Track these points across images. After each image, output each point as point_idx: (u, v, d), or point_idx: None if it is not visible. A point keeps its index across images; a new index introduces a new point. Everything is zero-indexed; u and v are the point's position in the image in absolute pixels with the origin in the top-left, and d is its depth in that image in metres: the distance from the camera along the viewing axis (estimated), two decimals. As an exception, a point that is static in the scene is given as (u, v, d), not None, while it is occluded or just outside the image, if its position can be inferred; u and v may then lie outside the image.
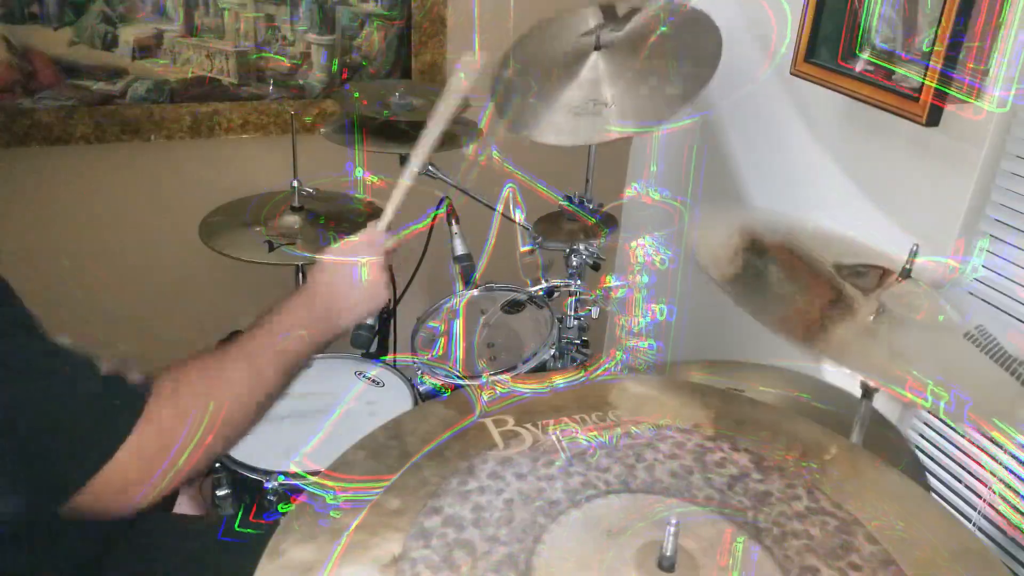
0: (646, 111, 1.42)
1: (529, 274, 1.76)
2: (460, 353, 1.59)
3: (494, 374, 1.51)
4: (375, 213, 1.84)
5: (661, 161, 1.97)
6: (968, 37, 1.30)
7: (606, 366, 1.02)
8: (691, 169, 1.97)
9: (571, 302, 1.75)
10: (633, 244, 1.53)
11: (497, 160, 1.71)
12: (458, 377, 1.51)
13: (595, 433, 0.86)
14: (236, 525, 1.21)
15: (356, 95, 1.75)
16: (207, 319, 1.90)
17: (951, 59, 1.31)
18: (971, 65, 1.31)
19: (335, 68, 1.97)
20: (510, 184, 1.47)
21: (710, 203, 2.05)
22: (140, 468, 0.83)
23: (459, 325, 1.64)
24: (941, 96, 1.33)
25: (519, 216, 1.68)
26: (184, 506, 1.51)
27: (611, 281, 1.53)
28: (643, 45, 1.46)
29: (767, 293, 1.09)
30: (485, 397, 0.91)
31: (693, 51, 1.45)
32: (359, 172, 1.83)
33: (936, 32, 1.31)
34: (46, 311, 1.20)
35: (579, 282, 1.74)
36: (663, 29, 1.43)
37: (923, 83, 1.35)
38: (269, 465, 1.35)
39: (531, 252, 1.72)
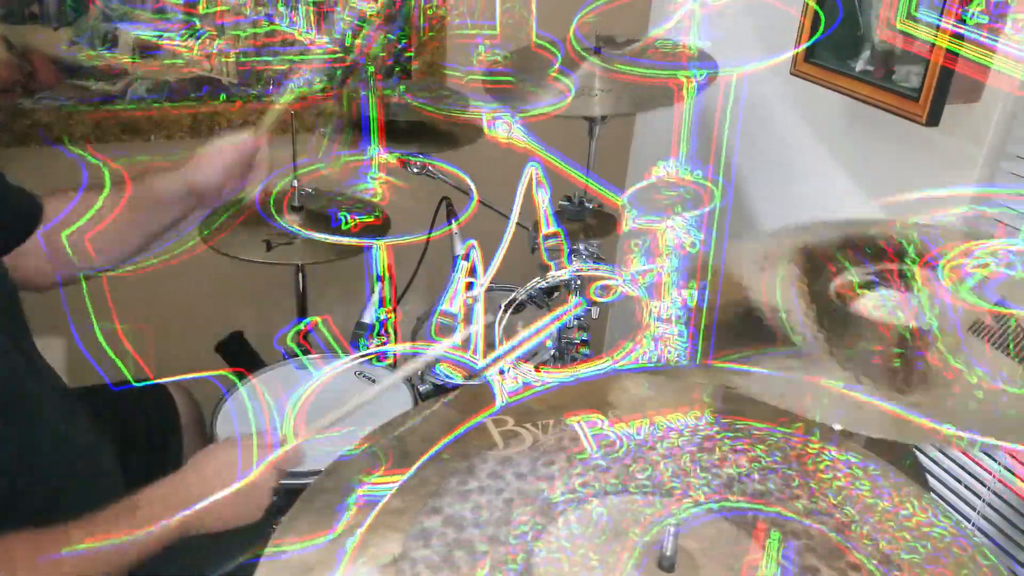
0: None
1: (553, 258, 1.72)
2: (481, 342, 1.57)
3: (516, 364, 1.50)
4: (375, 212, 1.85)
5: (694, 138, 1.93)
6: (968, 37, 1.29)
7: (634, 353, 1.01)
8: (722, 147, 1.94)
9: (572, 301, 1.74)
10: (662, 226, 1.51)
11: (521, 140, 1.68)
12: (479, 367, 1.49)
13: (622, 426, 0.85)
14: None
15: (403, 88, 1.75)
16: (207, 319, 1.90)
17: (950, 59, 1.31)
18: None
19: (335, 68, 1.97)
20: (533, 163, 1.45)
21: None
22: None
23: (479, 313, 1.61)
24: (940, 99, 1.32)
25: (542, 196, 1.64)
26: None
27: (639, 264, 1.50)
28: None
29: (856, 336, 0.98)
30: (507, 387, 0.91)
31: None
32: (373, 172, 1.82)
33: (936, 32, 1.31)
34: (45, 311, 1.21)
35: (610, 266, 1.70)
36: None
37: (923, 83, 1.35)
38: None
39: (556, 235, 1.68)
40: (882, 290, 1.07)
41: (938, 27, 1.29)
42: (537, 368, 1.07)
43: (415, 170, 1.66)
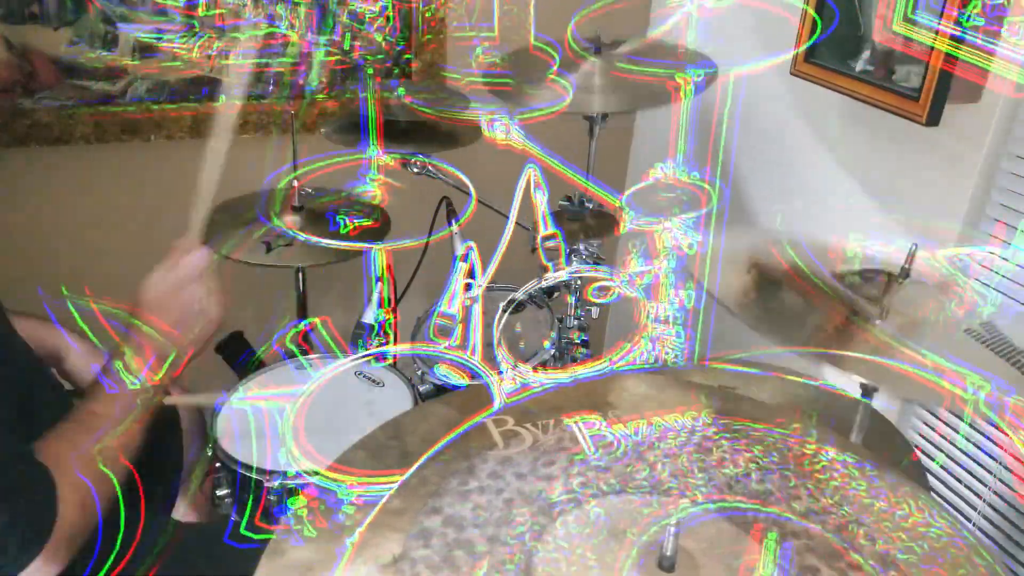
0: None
1: (552, 259, 1.73)
2: (479, 343, 1.57)
3: (515, 365, 1.50)
4: (375, 213, 1.85)
5: (692, 139, 1.94)
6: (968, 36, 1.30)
7: (632, 354, 1.01)
8: (719, 148, 1.95)
9: (571, 302, 1.75)
10: (658, 228, 1.51)
11: (518, 140, 1.69)
12: (478, 367, 1.50)
13: (620, 426, 0.85)
14: (243, 528, 1.21)
15: (402, 91, 1.74)
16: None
17: (950, 60, 1.31)
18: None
19: (335, 68, 1.97)
20: (531, 164, 1.46)
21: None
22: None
23: (478, 314, 1.61)
24: (940, 99, 1.32)
25: (540, 197, 1.65)
26: (181, 512, 1.50)
27: (637, 266, 1.51)
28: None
29: (785, 320, 1.08)
30: (505, 388, 0.91)
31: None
32: (372, 173, 1.82)
33: (936, 32, 1.31)
34: (44, 312, 1.21)
35: (609, 268, 1.71)
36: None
37: (923, 83, 1.35)
38: (269, 465, 1.35)
39: (553, 236, 1.69)
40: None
41: (936, 30, 1.29)
42: (535, 369, 1.07)
43: (415, 170, 1.66)
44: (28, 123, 1.78)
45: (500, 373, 1.44)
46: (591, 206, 1.71)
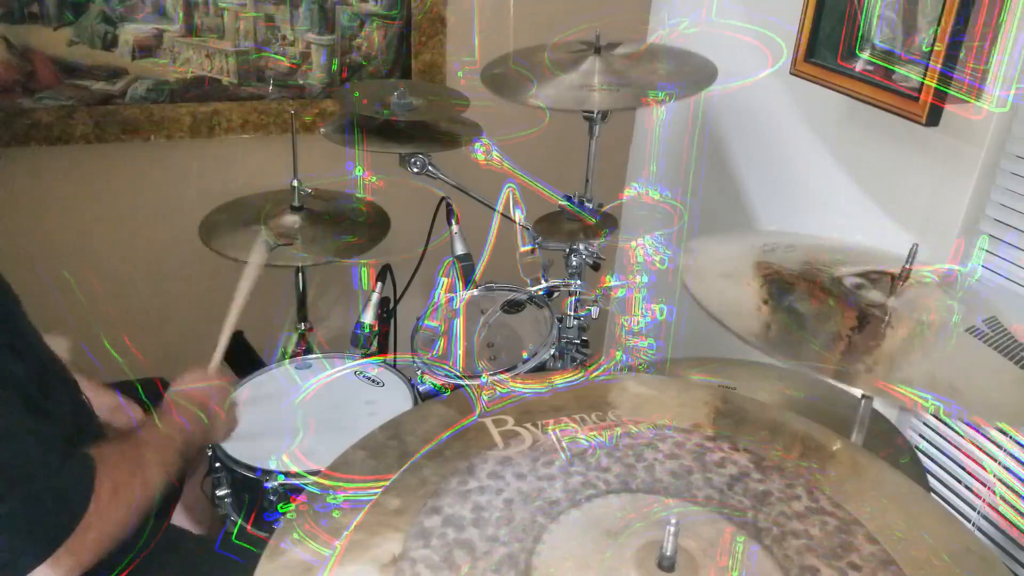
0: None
1: (529, 274, 1.76)
2: (460, 353, 1.59)
3: (494, 374, 1.52)
4: (374, 211, 1.85)
5: (662, 160, 1.97)
6: (968, 36, 1.30)
7: (605, 366, 1.02)
8: (690, 169, 1.97)
9: (571, 302, 1.75)
10: (633, 244, 1.53)
11: (497, 160, 1.71)
12: (457, 377, 1.51)
13: (595, 433, 0.86)
14: (234, 537, 1.22)
15: (356, 94, 1.75)
16: (207, 319, 1.89)
17: (951, 58, 1.31)
18: (971, 64, 1.31)
19: (335, 68, 1.97)
20: (510, 184, 1.48)
21: (708, 214, 2.05)
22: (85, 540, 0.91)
23: (459, 325, 1.64)
24: (941, 96, 1.33)
25: (519, 216, 1.68)
26: (181, 518, 1.50)
27: (611, 281, 1.53)
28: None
29: (803, 335, 1.06)
30: (485, 397, 0.91)
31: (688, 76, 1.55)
32: (359, 171, 1.83)
33: (936, 31, 1.31)
34: (45, 312, 1.21)
35: (579, 282, 1.74)
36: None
37: (923, 83, 1.35)
38: (269, 465, 1.35)
39: (532, 252, 1.73)
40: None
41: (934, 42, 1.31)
42: (513, 379, 1.07)
43: (415, 170, 1.66)
44: (28, 123, 1.78)
45: (481, 382, 1.45)
46: (591, 205, 1.72)
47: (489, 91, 1.58)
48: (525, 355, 1.54)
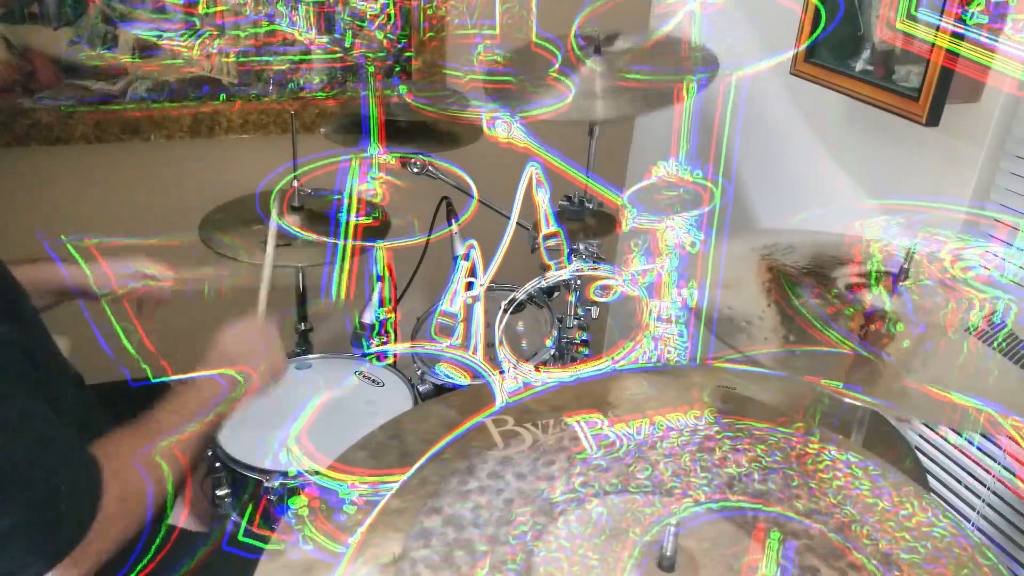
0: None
1: (553, 257, 1.73)
2: (480, 342, 1.57)
3: (516, 364, 1.50)
4: (374, 212, 1.85)
5: (694, 137, 1.94)
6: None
7: (634, 353, 1.01)
8: (722, 147, 1.94)
9: (571, 302, 1.75)
10: (661, 226, 1.51)
11: (519, 137, 1.68)
12: (479, 366, 1.50)
13: (594, 433, 0.86)
14: (240, 535, 1.22)
15: (404, 88, 1.75)
16: (206, 319, 1.89)
17: (950, 60, 1.31)
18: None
19: (335, 68, 1.97)
20: (532, 163, 1.46)
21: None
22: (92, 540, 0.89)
23: (479, 311, 1.61)
24: (940, 99, 1.32)
25: (542, 196, 1.64)
26: (181, 512, 1.50)
27: (639, 264, 1.51)
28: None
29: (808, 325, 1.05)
30: (507, 387, 0.91)
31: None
32: (374, 174, 1.82)
33: (935, 32, 1.31)
34: (45, 312, 1.21)
35: (609, 266, 1.71)
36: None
37: (923, 83, 1.35)
38: (269, 465, 1.35)
39: (555, 235, 1.69)
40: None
41: (938, 27, 1.29)
42: (537, 368, 1.06)
43: (415, 170, 1.66)
44: (28, 123, 1.78)
45: (502, 372, 1.44)
46: (591, 206, 1.71)
47: (494, 102, 1.57)
48: (549, 343, 1.52)
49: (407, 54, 2.02)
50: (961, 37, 1.27)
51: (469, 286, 1.59)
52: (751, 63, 1.84)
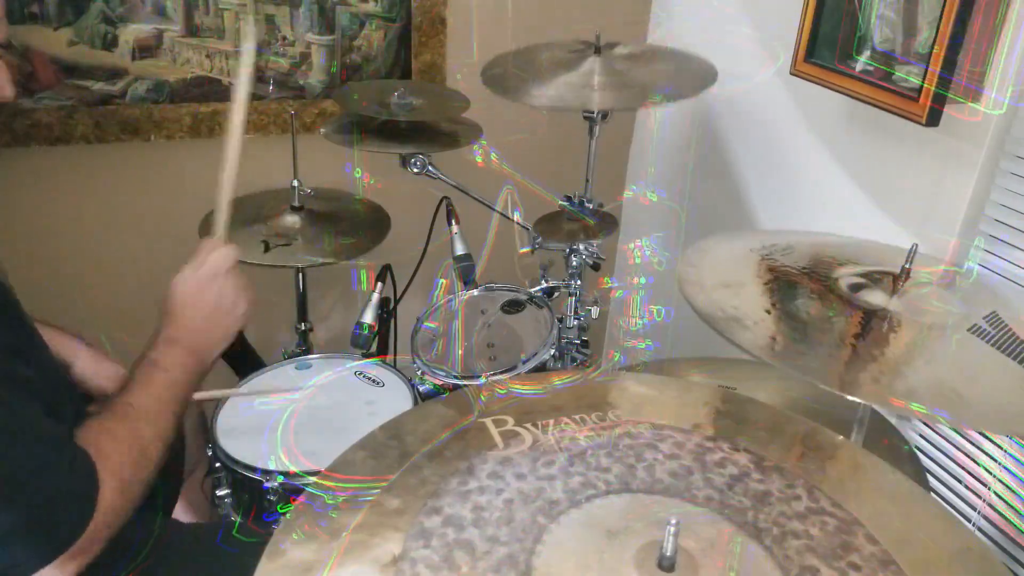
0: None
1: (528, 275, 1.76)
2: (459, 354, 1.59)
3: (493, 375, 1.52)
4: (374, 212, 1.85)
5: (660, 162, 1.97)
6: (967, 39, 1.30)
7: (604, 367, 1.02)
8: (688, 171, 1.97)
9: (571, 302, 1.75)
10: (631, 245, 1.53)
11: (495, 161, 1.72)
12: (456, 378, 1.51)
13: (593, 434, 0.86)
14: (235, 531, 1.21)
15: (355, 96, 1.75)
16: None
17: (950, 61, 1.31)
18: (968, 67, 1.31)
19: (335, 69, 1.97)
20: (508, 185, 1.48)
21: (706, 224, 2.04)
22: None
23: (458, 326, 1.64)
24: (940, 100, 1.33)
25: (517, 217, 1.68)
26: (181, 512, 1.50)
27: (609, 282, 1.53)
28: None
29: (807, 347, 1.03)
30: (483, 398, 0.91)
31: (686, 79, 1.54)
32: (358, 173, 1.83)
33: (936, 33, 1.31)
34: (44, 312, 1.21)
35: (578, 282, 1.74)
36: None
37: (923, 83, 1.35)
38: (268, 465, 1.35)
39: (531, 253, 1.73)
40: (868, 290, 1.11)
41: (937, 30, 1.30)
42: (512, 380, 1.07)
43: (415, 170, 1.66)
44: (28, 123, 1.78)
45: (479, 383, 1.46)
46: (591, 206, 1.72)
47: (490, 90, 1.58)
48: (524, 356, 1.54)
49: (406, 56, 2.02)
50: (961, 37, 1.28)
51: (448, 303, 1.62)
52: (751, 63, 1.84)
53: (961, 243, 1.45)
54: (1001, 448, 1.43)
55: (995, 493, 1.45)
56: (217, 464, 1.38)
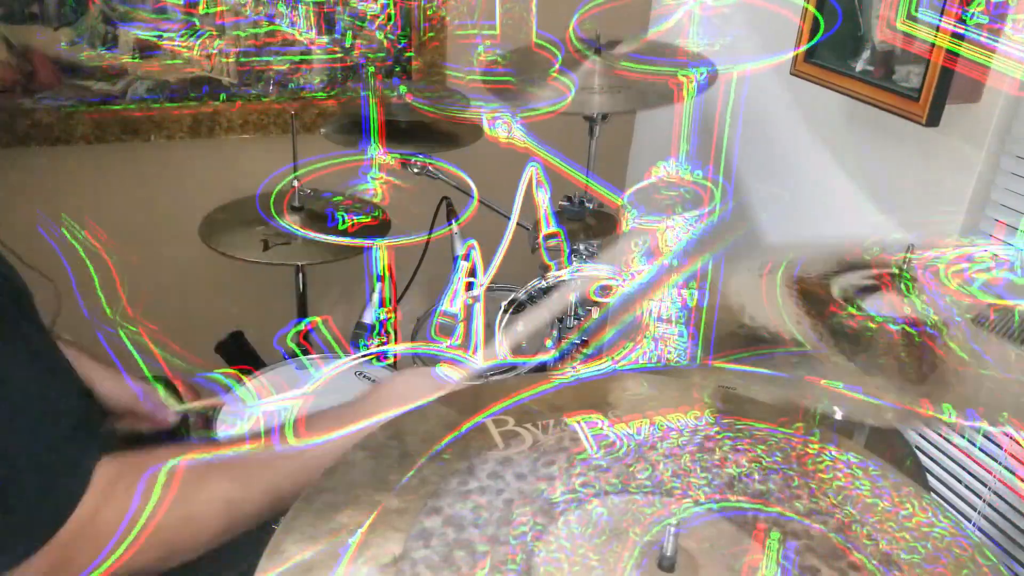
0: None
1: (554, 257, 1.72)
2: (481, 342, 1.57)
3: (492, 375, 1.51)
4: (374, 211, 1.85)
5: (694, 138, 1.93)
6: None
7: (634, 353, 1.00)
8: (722, 147, 1.94)
9: (571, 302, 1.75)
10: (662, 227, 1.51)
11: (519, 137, 1.68)
12: (478, 366, 1.49)
13: (623, 425, 0.85)
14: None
15: (404, 89, 1.74)
16: (207, 319, 1.90)
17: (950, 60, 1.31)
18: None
19: (335, 68, 1.97)
20: (533, 163, 1.45)
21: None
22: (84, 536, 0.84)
23: (479, 311, 1.61)
24: (940, 99, 1.32)
25: (542, 196, 1.64)
26: None
27: (639, 264, 1.50)
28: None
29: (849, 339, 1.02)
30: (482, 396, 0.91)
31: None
32: (374, 174, 1.82)
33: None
34: (46, 312, 1.21)
35: (612, 267, 1.70)
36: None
37: (923, 83, 1.35)
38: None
39: (556, 235, 1.68)
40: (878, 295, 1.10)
41: (938, 27, 1.29)
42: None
43: (415, 170, 1.66)
44: (28, 123, 1.78)
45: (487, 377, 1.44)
46: (591, 206, 1.71)
47: (490, 92, 1.58)
48: (548, 343, 1.53)
49: (407, 54, 2.02)
50: (961, 37, 1.28)
51: (469, 286, 1.59)
52: (751, 63, 1.84)
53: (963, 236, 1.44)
54: (1002, 447, 1.42)
55: (995, 493, 1.45)
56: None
